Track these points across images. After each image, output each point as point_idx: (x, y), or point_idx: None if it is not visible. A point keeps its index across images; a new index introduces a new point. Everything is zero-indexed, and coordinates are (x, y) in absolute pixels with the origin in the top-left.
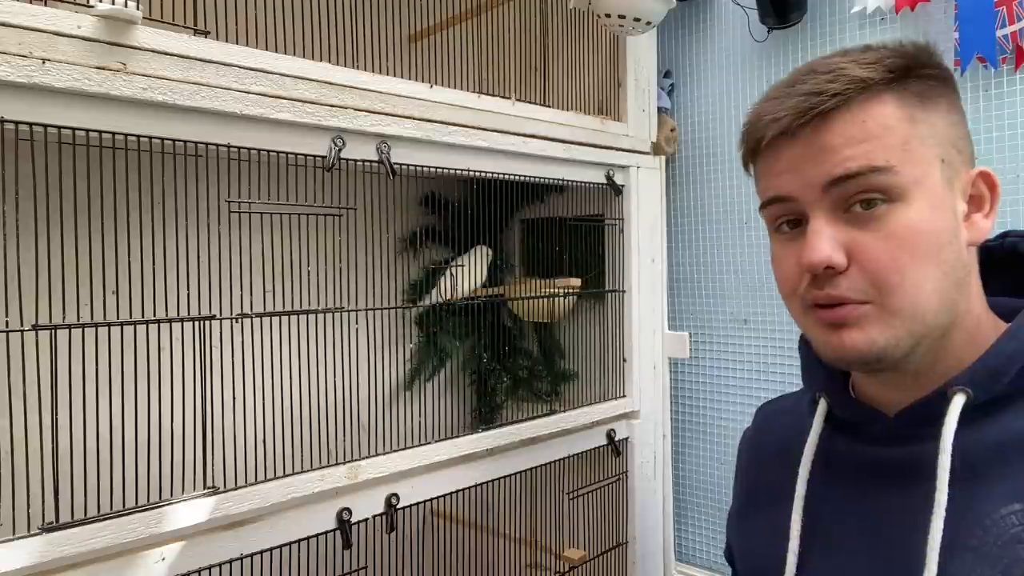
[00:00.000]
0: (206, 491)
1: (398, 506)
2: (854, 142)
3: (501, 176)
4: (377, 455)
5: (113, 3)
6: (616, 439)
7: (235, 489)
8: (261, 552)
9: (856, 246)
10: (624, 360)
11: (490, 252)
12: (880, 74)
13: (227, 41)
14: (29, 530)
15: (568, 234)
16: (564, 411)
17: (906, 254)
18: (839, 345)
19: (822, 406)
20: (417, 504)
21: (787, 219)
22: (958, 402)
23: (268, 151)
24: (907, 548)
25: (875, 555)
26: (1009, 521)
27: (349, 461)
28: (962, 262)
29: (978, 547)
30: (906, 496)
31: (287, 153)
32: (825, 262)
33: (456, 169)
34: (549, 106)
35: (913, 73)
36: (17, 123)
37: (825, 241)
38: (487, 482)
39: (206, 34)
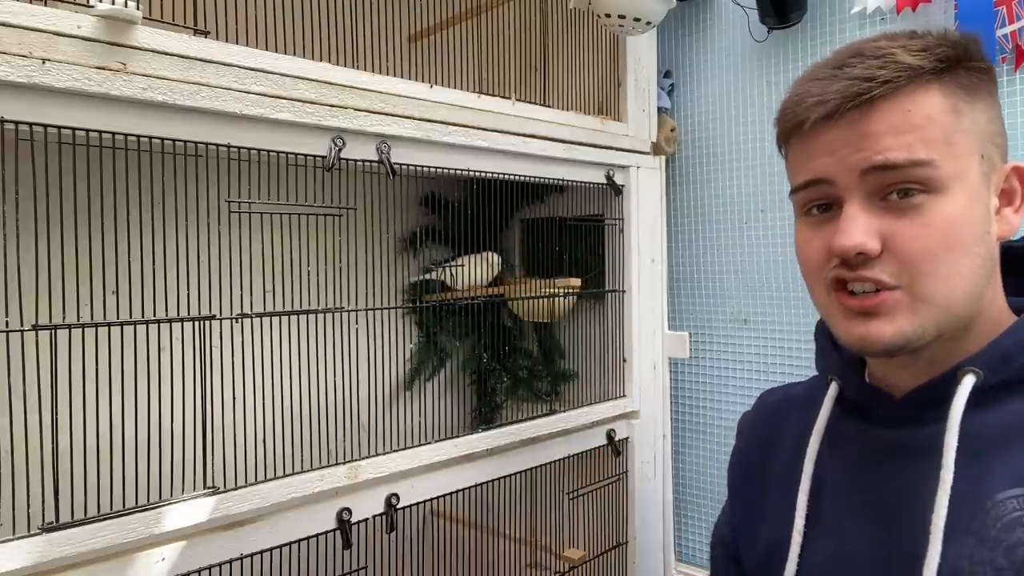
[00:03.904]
0: (206, 491)
1: (398, 506)
2: (897, 131)
3: (501, 176)
4: (377, 455)
5: (113, 3)
6: (616, 439)
7: (235, 489)
8: (261, 552)
9: (891, 234)
10: (624, 360)
11: (498, 259)
12: (930, 63)
13: (227, 41)
14: (29, 530)
15: (568, 234)
16: (564, 411)
17: (940, 244)
18: (864, 334)
19: (833, 388)
20: (417, 504)
21: (818, 203)
22: (968, 382)
23: (268, 151)
24: (910, 529)
25: (879, 536)
26: (1010, 505)
27: (349, 461)
28: (992, 255)
29: (978, 530)
30: (911, 478)
31: (287, 153)
32: (858, 247)
33: (456, 169)
34: (549, 106)
35: (962, 64)
36: (17, 123)
37: (859, 227)
38: (487, 482)
39: (206, 34)
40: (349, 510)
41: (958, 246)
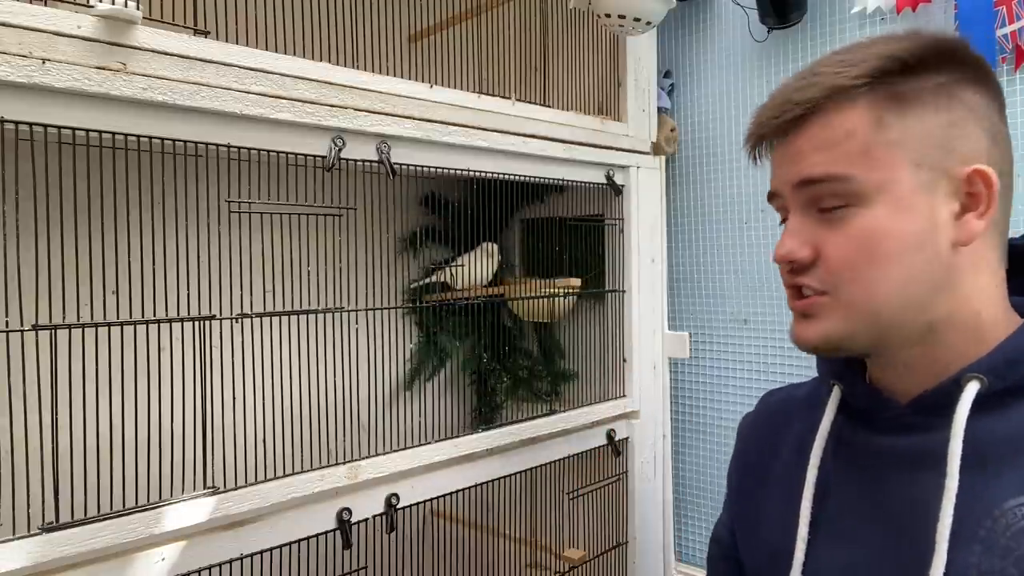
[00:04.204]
0: (206, 491)
1: (398, 506)
2: (819, 148)
3: (501, 176)
4: (377, 455)
5: (113, 3)
6: (616, 439)
7: (235, 489)
8: (261, 552)
9: (820, 244)
10: (624, 360)
11: (497, 249)
12: (851, 80)
13: (227, 41)
14: (29, 530)
15: (568, 234)
16: (564, 411)
17: (862, 255)
18: (799, 333)
19: (835, 394)
20: (417, 504)
21: (783, 214)
22: (972, 389)
23: (268, 151)
24: (916, 537)
25: (885, 544)
26: (1019, 513)
27: (349, 461)
28: (939, 262)
29: (986, 538)
30: (916, 485)
31: (287, 153)
32: (787, 257)
33: (456, 169)
34: (549, 106)
35: (893, 75)
36: (17, 123)
37: (792, 237)
38: (487, 482)
39: (206, 34)
40: (349, 510)
41: (880, 256)
